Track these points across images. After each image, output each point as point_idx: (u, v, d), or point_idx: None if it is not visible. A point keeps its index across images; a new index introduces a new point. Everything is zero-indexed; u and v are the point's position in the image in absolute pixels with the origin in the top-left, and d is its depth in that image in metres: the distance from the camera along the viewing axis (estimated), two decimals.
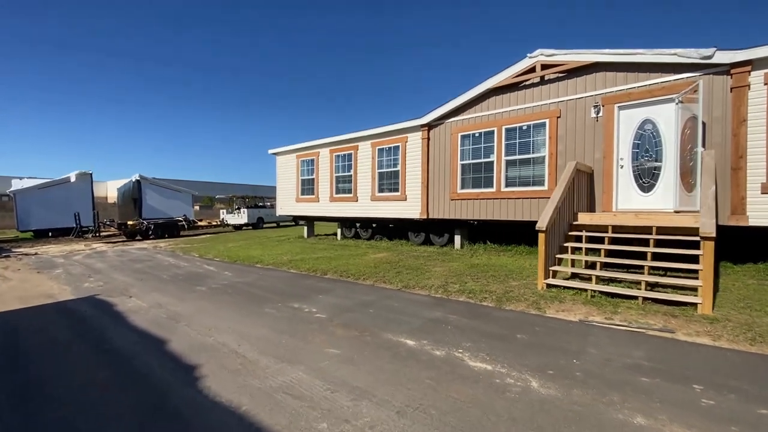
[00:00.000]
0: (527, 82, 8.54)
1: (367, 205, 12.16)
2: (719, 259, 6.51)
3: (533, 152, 8.44)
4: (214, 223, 23.78)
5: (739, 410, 2.48)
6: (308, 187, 14.42)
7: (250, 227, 23.95)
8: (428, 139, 10.43)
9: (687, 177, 6.34)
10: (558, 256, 6.10)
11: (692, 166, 6.23)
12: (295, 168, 14.83)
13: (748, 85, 6.07)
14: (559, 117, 8.05)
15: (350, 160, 12.80)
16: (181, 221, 20.07)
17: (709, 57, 6.25)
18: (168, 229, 19.11)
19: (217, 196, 38.85)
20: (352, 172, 12.67)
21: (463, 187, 9.68)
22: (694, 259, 5.16)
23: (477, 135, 9.38)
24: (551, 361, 3.30)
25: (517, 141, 8.67)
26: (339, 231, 14.05)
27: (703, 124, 6.31)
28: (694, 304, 4.53)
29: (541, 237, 5.66)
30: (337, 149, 13.19)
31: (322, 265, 8.25)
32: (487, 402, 2.66)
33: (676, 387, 2.81)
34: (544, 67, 8.15)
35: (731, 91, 6.22)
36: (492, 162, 9.07)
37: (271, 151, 15.78)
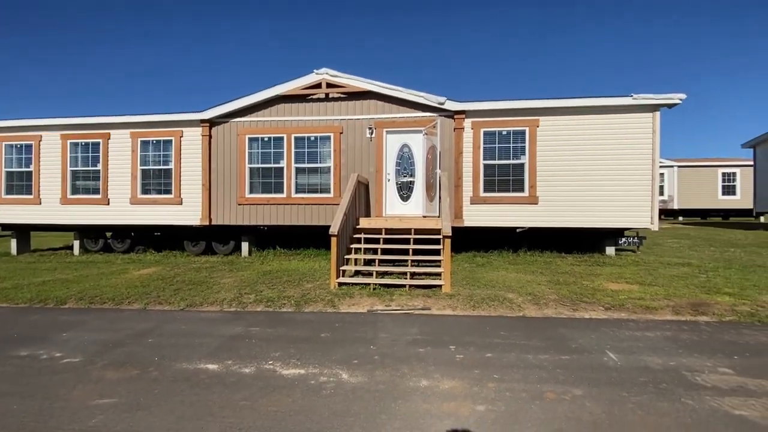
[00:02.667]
0: (314, 96, 9.13)
1: (124, 209, 9.85)
2: (452, 250, 8.92)
3: (321, 162, 9.10)
4: None
5: (477, 357, 3.55)
6: (20, 184, 10.36)
7: None
8: (210, 136, 9.48)
9: (430, 190, 8.39)
10: (346, 256, 6.83)
11: (433, 182, 8.29)
12: None
13: (464, 128, 8.66)
14: (342, 133, 9.02)
15: (97, 152, 10.05)
16: None
17: (442, 103, 8.53)
18: None
19: None
20: (100, 167, 9.97)
21: (252, 192, 9.32)
22: (437, 252, 6.89)
23: (267, 139, 9.26)
24: (354, 352, 3.70)
25: (306, 150, 9.13)
26: (77, 243, 10.72)
27: (439, 152, 8.51)
28: (440, 286, 6.05)
29: (333, 240, 6.20)
30: (74, 135, 10.08)
31: (57, 292, 6.15)
32: (307, 405, 2.74)
33: (440, 350, 3.73)
34: (330, 85, 8.95)
35: (455, 131, 8.70)
36: (282, 168, 9.17)
37: None
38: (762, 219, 20.62)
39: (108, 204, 9.92)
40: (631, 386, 2.93)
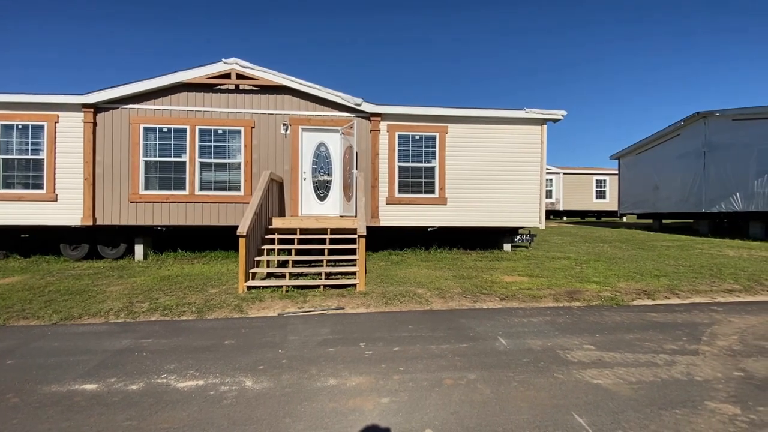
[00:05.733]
0: (223, 87, 8.53)
1: None
2: (367, 249, 9.07)
3: (230, 157, 8.54)
4: None
5: (385, 352, 3.67)
6: None
7: None
8: (94, 123, 8.26)
9: (347, 190, 8.43)
10: (256, 258, 6.51)
11: (350, 182, 8.35)
12: None
13: (380, 130, 8.87)
14: (254, 127, 8.57)
15: None
16: None
17: (359, 104, 8.63)
18: None
19: None
20: None
21: (147, 188, 8.35)
22: (353, 252, 6.96)
23: (166, 130, 8.38)
24: (260, 357, 3.56)
25: (213, 144, 8.48)
26: None
27: (356, 152, 8.60)
28: (354, 285, 6.12)
29: (242, 242, 5.87)
30: None
31: None
32: (204, 417, 2.56)
33: (350, 348, 3.77)
34: (240, 77, 8.44)
35: (371, 132, 8.87)
36: (184, 162, 8.39)
37: None
38: (624, 219, 24.89)
39: None
40: (516, 367, 3.31)
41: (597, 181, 27.29)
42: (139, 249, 8.73)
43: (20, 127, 8.24)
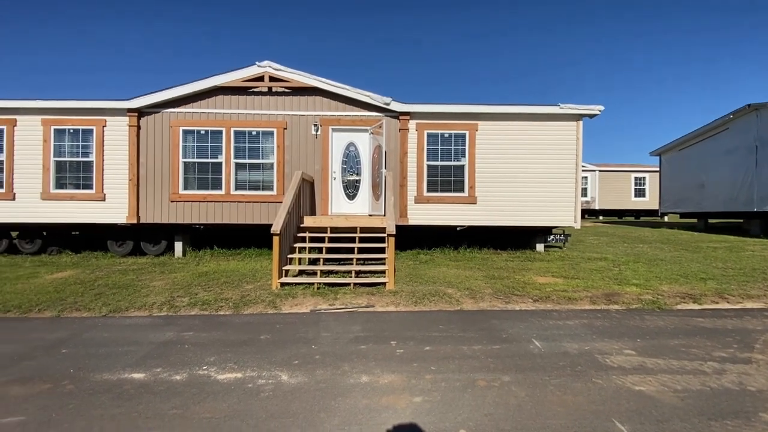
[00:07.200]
0: (256, 89, 8.79)
1: (35, 205, 8.76)
2: (396, 248, 9.10)
3: (263, 158, 8.79)
4: None
5: (416, 351, 3.68)
6: None
7: None
8: (139, 127, 8.73)
9: (376, 189, 8.48)
10: (289, 256, 6.68)
11: (379, 181, 8.39)
12: None
13: (408, 129, 8.86)
14: (286, 128, 8.79)
15: (0, 140, 8.81)
16: None
17: (388, 104, 8.65)
18: None
19: None
20: (4, 158, 8.77)
21: (186, 188, 8.75)
22: (383, 251, 7.00)
23: (203, 132, 8.74)
24: (294, 352, 3.65)
25: (247, 145, 8.77)
26: None
27: (385, 152, 8.63)
28: (384, 283, 6.15)
29: (276, 240, 6.04)
30: None
31: None
32: (243, 409, 2.66)
33: (381, 346, 3.80)
34: (273, 79, 8.66)
35: (400, 132, 8.87)
36: (221, 163, 8.72)
37: None
38: (666, 219, 23.59)
39: (13, 199, 8.74)
40: (551, 370, 3.22)
41: (636, 178, 26.01)
42: (178, 246, 9.16)
43: (71, 131, 8.84)
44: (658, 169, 20.97)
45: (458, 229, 9.25)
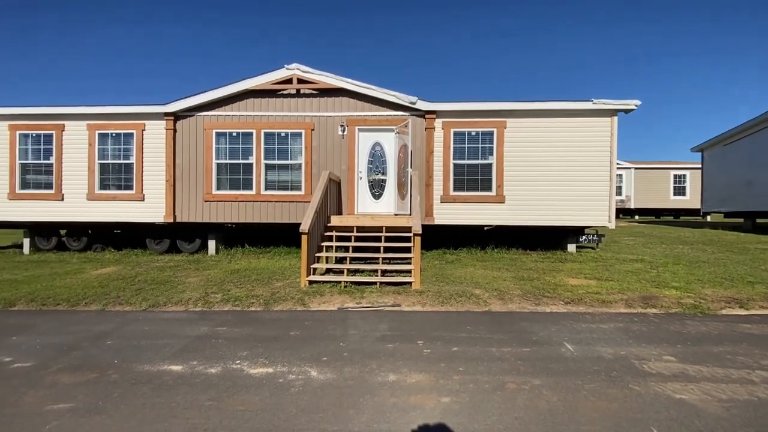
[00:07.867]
0: (285, 92, 8.99)
1: (81, 205, 9.33)
2: (422, 248, 9.07)
3: (291, 159, 8.99)
4: None
5: (444, 351, 3.66)
6: None
7: None
8: (175, 130, 9.13)
9: (402, 188, 8.48)
10: (317, 254, 6.80)
11: (405, 180, 8.39)
12: None
13: (434, 128, 8.80)
14: (314, 129, 8.94)
15: (50, 144, 9.46)
16: None
17: (414, 103, 8.63)
18: None
19: None
20: (53, 160, 9.40)
21: (219, 188, 9.07)
22: (408, 250, 6.99)
23: (235, 134, 9.03)
24: (323, 349, 3.72)
25: (276, 146, 8.99)
26: (27, 241, 10.03)
27: (411, 151, 8.61)
28: (410, 283, 6.14)
29: (304, 239, 6.16)
30: (24, 126, 9.44)
31: (4, 293, 5.77)
32: (275, 403, 2.74)
33: (408, 346, 3.81)
34: (301, 81, 8.83)
35: (425, 131, 8.83)
36: (251, 164, 8.98)
37: None
38: (708, 218, 22.25)
39: (62, 200, 9.36)
40: (585, 375, 3.13)
41: (675, 176, 24.68)
42: (211, 244, 9.52)
43: (114, 135, 9.36)
44: (699, 165, 19.82)
45: (485, 228, 9.10)
